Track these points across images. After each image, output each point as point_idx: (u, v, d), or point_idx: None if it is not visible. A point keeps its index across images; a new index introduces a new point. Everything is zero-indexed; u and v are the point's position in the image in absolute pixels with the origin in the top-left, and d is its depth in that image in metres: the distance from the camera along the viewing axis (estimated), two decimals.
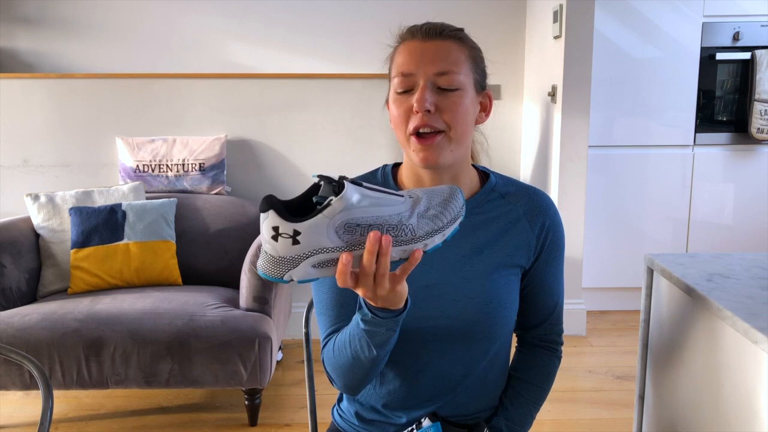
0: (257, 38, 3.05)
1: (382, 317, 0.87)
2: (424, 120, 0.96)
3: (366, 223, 0.77)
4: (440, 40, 0.98)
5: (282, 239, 0.74)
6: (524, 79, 3.22)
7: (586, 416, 2.29)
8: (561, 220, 1.10)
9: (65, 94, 2.91)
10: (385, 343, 0.92)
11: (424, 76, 0.96)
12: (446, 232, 0.82)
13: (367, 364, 0.95)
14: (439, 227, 0.81)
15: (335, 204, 0.74)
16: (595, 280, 3.25)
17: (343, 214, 0.75)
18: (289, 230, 0.74)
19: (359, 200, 0.76)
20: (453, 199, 0.84)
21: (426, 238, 0.80)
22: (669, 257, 1.27)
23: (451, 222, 0.82)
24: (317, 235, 0.75)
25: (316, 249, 0.75)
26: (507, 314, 1.05)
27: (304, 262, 0.76)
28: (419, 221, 0.80)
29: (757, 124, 3.09)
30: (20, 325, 2.05)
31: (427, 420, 1.04)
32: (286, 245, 0.74)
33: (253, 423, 2.22)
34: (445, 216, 0.82)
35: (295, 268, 0.76)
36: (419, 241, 0.80)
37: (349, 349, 0.95)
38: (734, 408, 0.99)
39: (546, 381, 1.15)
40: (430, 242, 0.81)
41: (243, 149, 2.98)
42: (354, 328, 0.93)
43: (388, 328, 0.89)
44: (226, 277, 2.54)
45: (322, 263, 0.77)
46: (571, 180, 2.90)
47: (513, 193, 1.08)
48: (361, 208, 0.76)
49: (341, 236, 0.76)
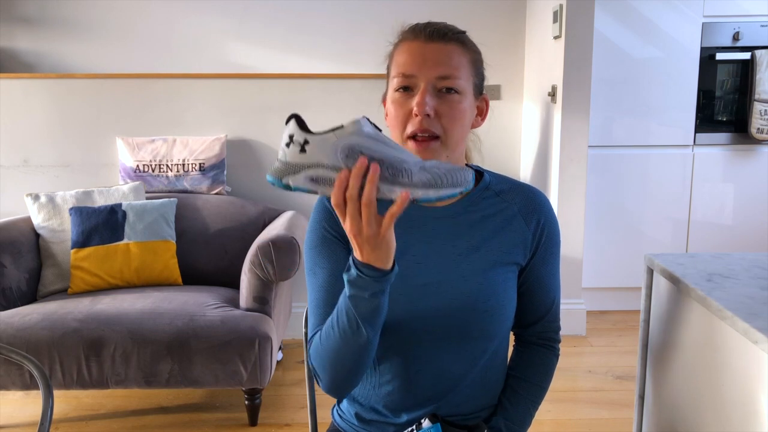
0: (257, 38, 3.05)
1: (368, 275, 0.86)
2: (422, 125, 0.96)
3: (368, 154, 0.80)
4: (443, 43, 0.98)
5: (293, 146, 0.81)
6: (524, 79, 3.22)
7: (586, 416, 2.29)
8: (556, 217, 1.10)
9: (65, 94, 2.91)
10: (371, 316, 0.90)
11: (425, 79, 0.96)
12: (442, 191, 0.82)
13: (354, 349, 0.93)
14: (437, 183, 0.82)
15: (347, 126, 0.80)
16: (595, 280, 3.25)
17: (351, 137, 0.80)
18: (301, 139, 0.80)
19: (371, 133, 0.81)
20: (461, 170, 0.84)
21: (419, 186, 0.82)
22: (669, 257, 1.27)
23: (450, 185, 0.82)
24: (322, 150, 0.80)
25: (316, 162, 0.81)
26: (504, 312, 1.05)
27: (304, 171, 0.81)
28: (420, 171, 0.82)
29: (757, 124, 3.09)
30: (20, 325, 2.05)
31: (427, 421, 1.04)
32: (294, 152, 0.81)
33: (253, 423, 2.22)
34: (446, 177, 0.82)
35: (295, 175, 0.81)
36: (412, 187, 0.81)
37: (336, 328, 0.93)
38: (734, 408, 0.99)
39: (544, 379, 1.15)
40: (423, 193, 0.82)
41: (243, 149, 2.99)
42: (341, 303, 0.92)
43: (373, 292, 0.87)
44: (226, 277, 2.54)
45: (318, 178, 0.81)
46: (571, 180, 2.90)
47: (507, 190, 1.09)
48: (369, 139, 0.81)
49: (343, 159, 0.80)
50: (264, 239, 2.18)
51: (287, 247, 2.15)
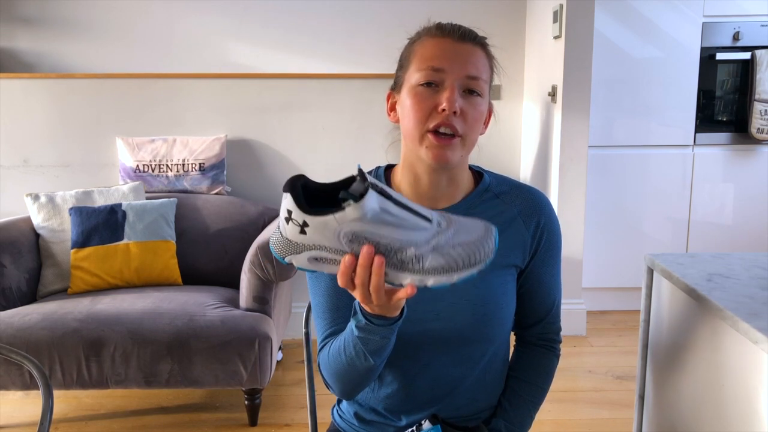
0: (257, 38, 3.05)
1: (377, 324, 0.87)
2: (449, 120, 0.95)
3: (374, 240, 0.74)
4: (472, 45, 0.99)
5: (292, 224, 0.74)
6: (524, 79, 3.22)
7: (586, 416, 2.29)
8: (557, 219, 1.10)
9: (65, 94, 2.91)
10: (380, 351, 0.91)
11: (455, 76, 0.96)
12: (456, 275, 0.76)
13: (362, 371, 0.95)
14: (452, 267, 0.76)
15: (348, 211, 0.72)
16: (595, 280, 3.25)
17: (353, 223, 0.73)
18: (300, 219, 0.74)
19: (376, 215, 0.73)
20: (482, 243, 0.78)
21: (431, 273, 0.76)
22: (669, 257, 1.27)
23: (467, 267, 0.77)
24: (323, 233, 0.74)
25: (318, 245, 0.75)
26: (504, 315, 1.05)
27: (305, 252, 0.76)
28: (432, 254, 0.75)
29: (757, 124, 3.09)
30: (20, 325, 2.05)
31: (428, 422, 1.04)
32: (294, 231, 0.75)
33: (253, 423, 2.22)
34: (463, 259, 0.76)
35: (296, 255, 0.77)
36: (422, 273, 0.76)
37: (343, 355, 0.95)
38: (734, 408, 0.99)
39: (545, 380, 1.15)
40: (434, 280, 0.76)
41: (243, 149, 2.99)
42: (348, 334, 0.93)
43: (383, 336, 0.89)
44: (226, 277, 2.54)
45: (321, 259, 0.77)
46: (571, 180, 2.90)
47: (507, 192, 1.08)
48: (374, 224, 0.73)
49: (346, 243, 0.75)
50: (264, 239, 2.18)
51: None
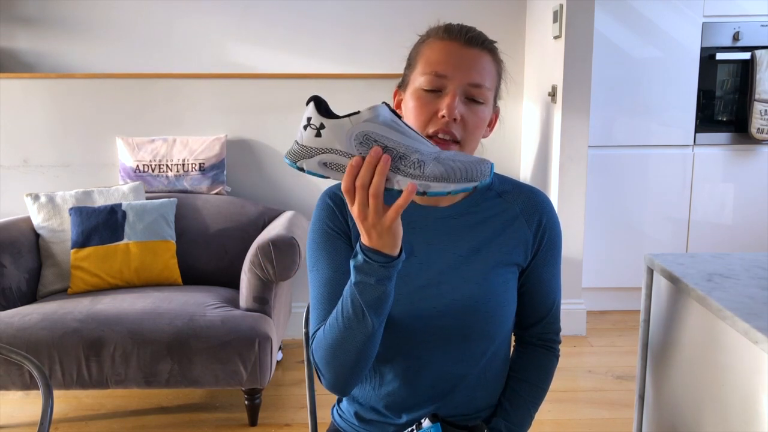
0: (257, 38, 3.05)
1: (375, 260, 0.86)
2: (447, 127, 0.96)
3: (382, 143, 0.80)
4: (479, 50, 0.98)
5: (309, 129, 0.81)
6: (524, 79, 3.22)
7: (586, 416, 2.29)
8: (558, 218, 1.10)
9: (65, 94, 2.91)
10: (377, 304, 0.90)
11: (458, 83, 0.96)
12: (453, 185, 0.81)
13: (358, 339, 0.92)
14: (450, 177, 0.81)
15: (363, 112, 0.80)
16: (595, 280, 3.25)
17: (366, 124, 0.80)
18: (317, 122, 0.81)
19: (387, 120, 0.80)
20: (479, 164, 0.82)
21: (431, 179, 0.81)
22: (669, 257, 1.27)
23: (464, 179, 0.81)
24: (337, 135, 0.80)
25: (330, 148, 0.81)
26: (505, 313, 1.05)
27: (318, 156, 0.82)
28: (433, 162, 0.81)
29: (757, 124, 3.09)
30: (20, 325, 2.05)
31: (427, 421, 1.04)
32: (310, 135, 0.82)
33: (253, 423, 2.22)
34: (461, 171, 0.81)
35: (308, 159, 0.82)
36: (423, 178, 0.81)
37: (341, 318, 0.93)
38: (734, 408, 0.99)
39: (544, 380, 1.15)
40: (433, 186, 0.81)
41: (243, 149, 2.99)
42: (346, 291, 0.92)
43: (379, 278, 0.87)
44: (226, 277, 2.54)
45: (330, 163, 0.82)
46: (571, 180, 2.90)
47: (509, 191, 1.09)
48: (385, 127, 0.80)
49: (356, 146, 0.80)
50: (264, 239, 2.18)
51: (287, 247, 2.15)
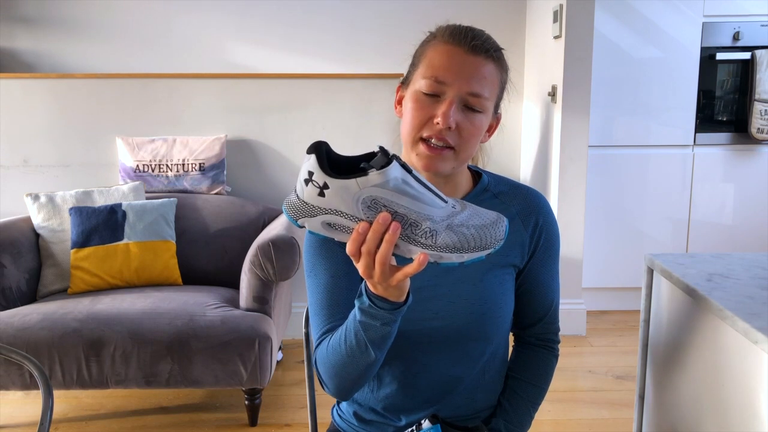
0: (257, 38, 3.05)
1: (380, 307, 0.85)
2: (441, 134, 0.95)
3: (392, 209, 0.75)
4: (483, 58, 0.96)
5: (311, 186, 0.75)
6: (524, 79, 3.22)
7: (586, 416, 2.29)
8: (555, 219, 1.10)
9: (65, 94, 2.91)
10: (381, 342, 0.90)
11: (456, 90, 0.95)
12: (466, 255, 0.77)
13: (361, 366, 0.93)
14: (463, 247, 0.77)
15: (372, 176, 0.73)
16: (595, 280, 3.25)
17: (374, 189, 0.73)
18: (320, 181, 0.74)
19: (398, 184, 0.74)
20: (494, 228, 0.78)
21: (442, 250, 0.76)
22: (669, 257, 1.27)
23: (479, 248, 0.77)
24: (342, 197, 0.74)
25: (335, 209, 0.75)
26: (502, 314, 1.05)
27: (320, 216, 0.76)
28: (446, 231, 0.76)
29: (757, 124, 3.09)
30: (20, 325, 2.05)
31: (427, 422, 1.04)
32: (312, 193, 0.75)
33: (253, 423, 2.22)
34: (475, 239, 0.77)
35: (311, 218, 0.77)
36: (434, 249, 0.76)
37: (344, 345, 0.93)
38: (735, 408, 0.99)
39: (544, 380, 1.15)
40: (445, 257, 0.76)
41: (243, 149, 2.99)
42: (350, 322, 0.92)
43: (384, 321, 0.87)
44: (226, 277, 2.54)
45: (335, 225, 0.77)
46: (571, 180, 2.90)
47: (506, 192, 1.08)
48: (394, 193, 0.74)
49: (363, 210, 0.75)
50: (264, 239, 2.18)
51: (287, 247, 2.15)
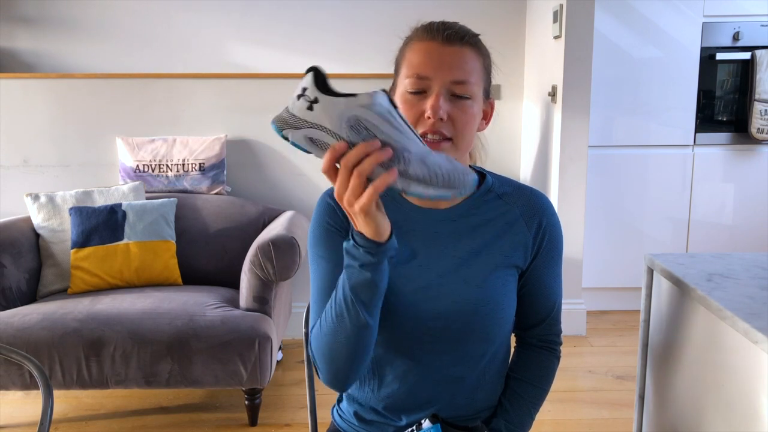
0: (257, 38, 3.05)
1: (360, 244, 0.86)
2: (435, 127, 0.95)
3: (373, 132, 0.78)
4: (459, 46, 0.97)
5: (302, 100, 0.79)
6: (524, 79, 3.22)
7: (586, 416, 2.29)
8: (558, 221, 1.10)
9: (65, 94, 2.91)
10: (363, 292, 0.89)
11: (440, 82, 0.96)
12: (432, 189, 0.80)
13: (350, 331, 0.92)
14: (430, 181, 0.80)
15: (361, 97, 0.77)
16: (595, 280, 3.25)
17: (360, 109, 0.77)
18: (312, 95, 0.78)
19: (382, 111, 0.77)
20: (463, 173, 0.81)
21: (412, 178, 0.80)
22: (669, 257, 1.27)
23: (444, 186, 0.80)
24: (328, 113, 0.77)
25: (318, 124, 0.78)
26: (504, 315, 1.05)
27: (304, 129, 0.79)
28: (419, 163, 0.80)
29: (757, 124, 3.09)
30: (20, 325, 2.05)
31: (427, 421, 1.04)
32: (302, 107, 0.79)
33: (253, 423, 2.22)
34: (443, 177, 0.80)
35: (295, 130, 0.80)
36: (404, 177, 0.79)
37: (333, 305, 0.93)
38: (735, 408, 0.99)
39: (545, 381, 1.15)
40: (413, 187, 0.80)
41: (243, 149, 2.98)
42: (339, 281, 0.93)
43: (363, 263, 0.87)
44: (226, 277, 2.54)
45: (316, 141, 0.80)
46: (571, 180, 2.90)
47: (510, 193, 1.08)
48: (379, 117, 0.77)
49: (346, 128, 0.78)
50: (264, 239, 2.18)
51: (287, 247, 2.15)
